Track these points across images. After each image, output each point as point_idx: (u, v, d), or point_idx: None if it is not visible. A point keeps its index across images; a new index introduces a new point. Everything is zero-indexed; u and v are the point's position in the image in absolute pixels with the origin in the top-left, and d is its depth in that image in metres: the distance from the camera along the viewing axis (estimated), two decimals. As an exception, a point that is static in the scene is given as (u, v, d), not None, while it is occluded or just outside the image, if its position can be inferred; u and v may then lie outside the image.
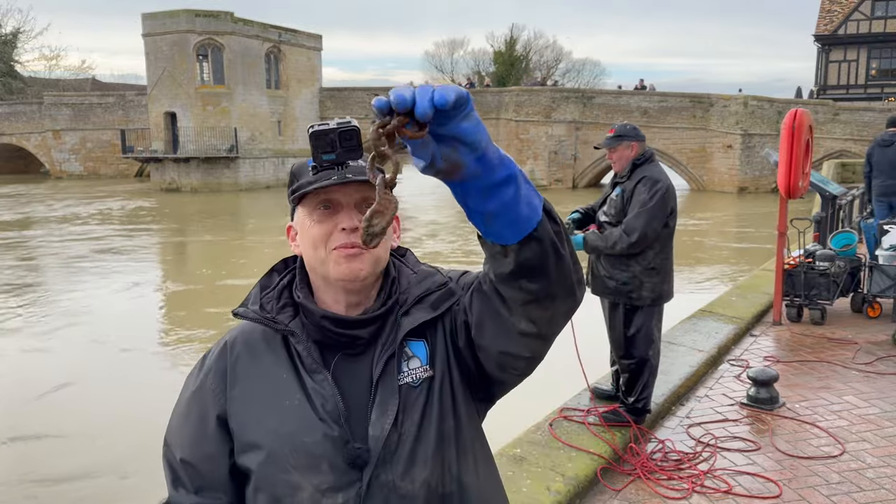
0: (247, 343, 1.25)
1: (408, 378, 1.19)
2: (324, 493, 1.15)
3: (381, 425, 1.15)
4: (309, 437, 1.16)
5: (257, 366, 1.22)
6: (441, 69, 67.06)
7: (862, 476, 3.73)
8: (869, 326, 6.60)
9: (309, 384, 1.18)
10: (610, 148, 4.14)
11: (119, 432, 6.75)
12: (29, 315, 11.56)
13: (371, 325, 1.20)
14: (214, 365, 1.26)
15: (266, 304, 1.24)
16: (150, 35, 33.68)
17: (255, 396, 1.21)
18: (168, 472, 1.26)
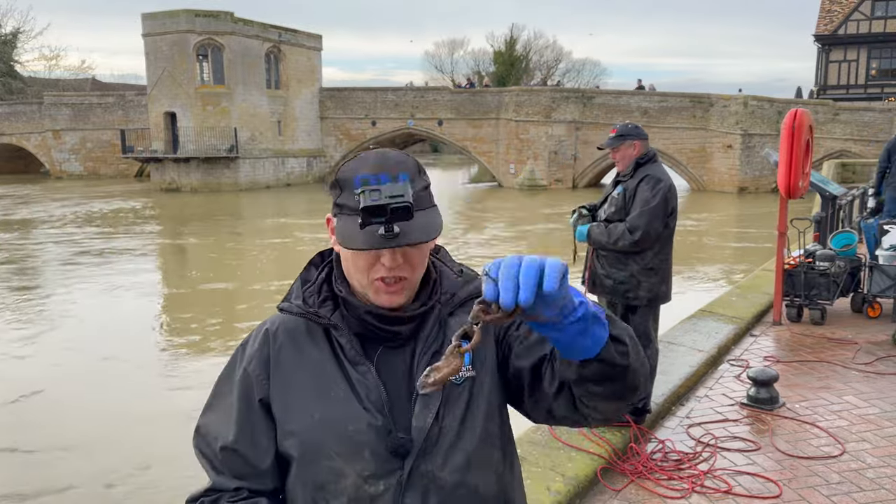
0: (289, 333, 1.27)
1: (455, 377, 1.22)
2: (366, 479, 1.19)
3: (424, 417, 1.20)
4: (353, 425, 1.19)
5: (301, 356, 1.25)
6: (441, 69, 67.10)
7: (862, 476, 3.73)
8: (869, 326, 6.59)
9: (353, 375, 1.21)
10: (612, 148, 4.14)
11: (102, 439, 6.73)
12: (13, 318, 11.51)
13: (412, 321, 1.24)
14: (258, 353, 1.28)
15: (308, 297, 1.26)
16: (150, 35, 33.67)
17: (299, 386, 1.24)
18: (207, 463, 1.28)
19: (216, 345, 9.92)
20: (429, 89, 40.57)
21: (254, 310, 11.94)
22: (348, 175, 1.17)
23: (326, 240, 1.25)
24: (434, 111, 36.92)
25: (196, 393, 8.03)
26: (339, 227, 1.16)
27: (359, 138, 38.17)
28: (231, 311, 11.93)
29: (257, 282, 14.31)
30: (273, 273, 15.52)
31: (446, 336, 1.24)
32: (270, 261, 17.12)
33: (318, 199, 30.61)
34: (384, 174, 1.12)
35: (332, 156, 38.64)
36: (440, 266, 1.32)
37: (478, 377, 1.25)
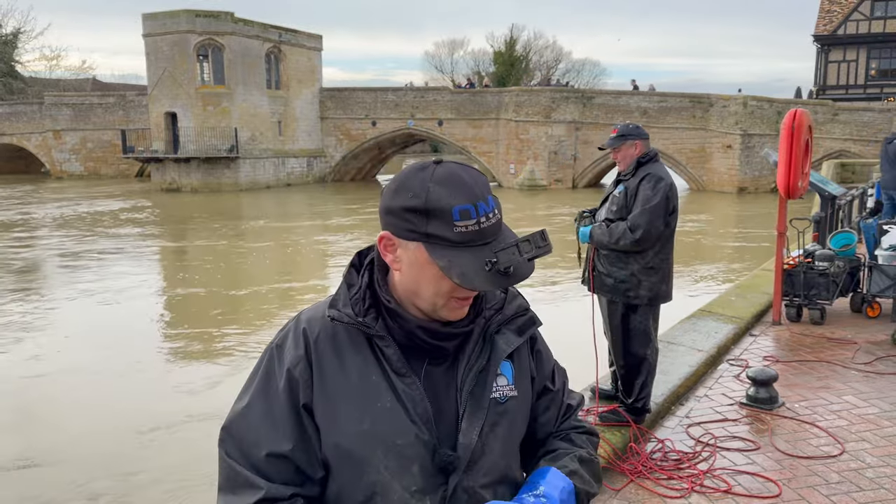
0: (331, 339, 1.23)
1: (496, 393, 1.25)
2: (412, 494, 1.19)
3: (471, 434, 1.20)
4: (402, 439, 1.18)
5: (344, 364, 1.22)
6: (441, 69, 67.08)
7: (861, 476, 3.74)
8: (868, 326, 6.60)
9: (399, 387, 1.19)
10: (614, 148, 4.15)
11: (101, 440, 6.74)
12: (13, 319, 11.51)
13: (458, 337, 1.23)
14: (300, 356, 1.22)
15: (354, 305, 1.23)
16: (151, 35, 33.67)
17: (343, 395, 1.20)
18: (249, 471, 1.20)
19: (216, 346, 9.93)
20: (429, 89, 40.56)
21: (253, 310, 11.95)
22: (442, 205, 1.11)
23: (328, 240, 1.25)
24: (434, 111, 36.92)
25: (195, 394, 8.04)
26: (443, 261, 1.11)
27: (359, 138, 38.16)
28: (231, 312, 11.93)
29: (257, 282, 14.31)
30: (273, 273, 15.53)
31: (493, 353, 1.25)
32: (270, 261, 17.12)
33: (319, 200, 30.64)
34: (480, 203, 1.12)
35: (333, 156, 38.63)
36: None
37: (519, 397, 1.28)
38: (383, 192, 1.20)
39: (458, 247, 1.11)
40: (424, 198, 1.11)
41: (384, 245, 1.19)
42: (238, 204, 29.13)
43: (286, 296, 13.19)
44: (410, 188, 1.13)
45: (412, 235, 1.14)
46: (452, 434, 1.20)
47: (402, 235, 1.15)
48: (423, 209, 1.11)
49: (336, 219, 24.49)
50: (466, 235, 1.11)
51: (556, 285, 13.39)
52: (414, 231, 1.13)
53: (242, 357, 9.27)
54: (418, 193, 1.12)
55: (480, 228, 1.11)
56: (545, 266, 15.22)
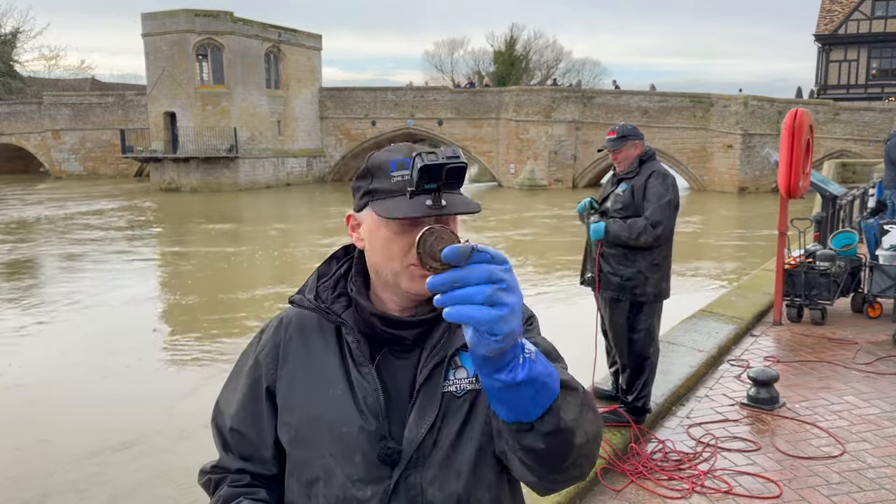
0: (301, 326, 1.28)
1: (452, 387, 1.19)
2: (354, 483, 1.19)
3: (418, 428, 1.17)
4: (347, 427, 1.18)
5: (307, 350, 1.25)
6: (441, 69, 67.10)
7: (862, 476, 3.73)
8: (869, 326, 6.59)
9: (354, 375, 1.20)
10: (615, 149, 4.13)
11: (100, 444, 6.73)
12: (11, 320, 11.50)
13: (418, 327, 1.20)
14: (270, 340, 1.29)
15: (322, 292, 1.25)
16: (150, 35, 33.66)
17: (301, 380, 1.24)
18: (218, 438, 1.32)
19: (215, 346, 9.93)
20: (429, 89, 40.55)
21: (251, 312, 11.94)
22: (380, 161, 1.17)
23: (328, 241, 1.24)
24: (434, 111, 36.92)
25: (194, 398, 8.03)
26: (380, 209, 1.14)
27: (359, 138, 38.16)
28: (231, 312, 11.92)
29: (256, 283, 14.30)
30: (274, 273, 15.52)
31: (452, 344, 1.19)
32: (269, 262, 17.11)
33: (319, 199, 30.64)
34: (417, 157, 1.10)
35: (332, 156, 38.64)
36: None
37: (481, 391, 1.18)
38: None
39: (395, 195, 1.13)
40: (368, 162, 1.20)
41: (351, 226, 1.24)
42: (238, 204, 29.13)
43: (284, 297, 13.18)
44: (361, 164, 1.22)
45: (362, 202, 1.20)
46: (402, 427, 1.18)
47: (358, 208, 1.21)
48: (366, 170, 1.19)
49: (336, 219, 24.48)
50: (401, 183, 1.12)
51: (553, 285, 13.38)
52: (362, 196, 1.19)
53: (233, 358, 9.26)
54: (364, 162, 1.21)
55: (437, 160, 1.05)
56: (546, 266, 15.20)
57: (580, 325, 5.32)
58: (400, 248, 1.14)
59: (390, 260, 1.16)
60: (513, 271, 0.90)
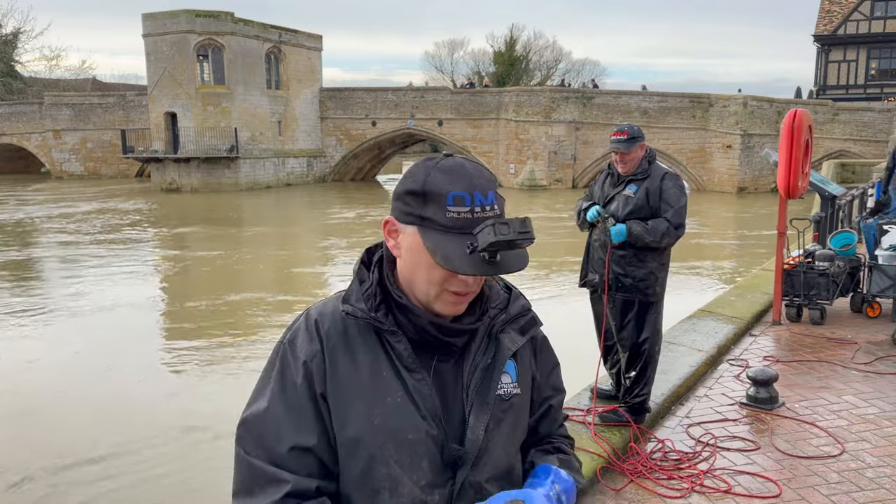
0: (342, 334, 1.24)
1: (501, 391, 1.27)
2: (422, 489, 1.21)
3: (477, 430, 1.23)
4: (413, 434, 1.20)
5: (355, 359, 1.23)
6: (441, 69, 67.09)
7: (861, 476, 3.74)
8: (868, 326, 6.60)
9: (409, 382, 1.21)
10: (627, 151, 4.08)
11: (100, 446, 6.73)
12: (11, 321, 11.50)
13: (466, 334, 1.26)
14: (312, 347, 1.23)
15: (366, 300, 1.24)
16: (151, 35, 33.65)
17: (355, 390, 1.21)
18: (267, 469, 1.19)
19: (216, 346, 9.94)
20: (429, 89, 40.56)
21: (251, 313, 11.95)
22: (439, 189, 1.14)
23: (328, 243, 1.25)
24: (434, 111, 36.92)
25: (192, 399, 8.04)
26: (431, 242, 1.14)
27: (359, 138, 38.16)
28: (232, 312, 11.93)
29: (259, 283, 14.30)
30: (275, 274, 15.52)
31: (498, 352, 1.27)
32: (272, 262, 17.12)
33: (319, 199, 30.64)
34: (477, 192, 1.14)
35: (333, 156, 38.63)
36: (489, 280, 1.33)
37: (521, 394, 1.31)
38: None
39: (449, 232, 1.13)
40: (423, 181, 1.16)
41: (388, 230, 1.23)
42: (238, 204, 29.12)
43: (285, 297, 13.19)
44: (414, 174, 1.19)
45: (409, 218, 1.18)
46: (458, 430, 1.23)
47: (402, 219, 1.19)
48: (421, 192, 1.16)
49: (335, 219, 24.48)
50: (457, 221, 1.13)
51: (552, 286, 13.38)
52: (411, 214, 1.17)
53: (236, 362, 9.28)
54: (419, 178, 1.17)
55: (473, 217, 1.12)
56: (545, 267, 15.20)
57: (580, 325, 5.33)
58: (441, 277, 1.17)
59: (429, 284, 1.19)
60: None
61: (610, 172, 4.30)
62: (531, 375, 1.36)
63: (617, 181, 4.22)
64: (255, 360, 9.00)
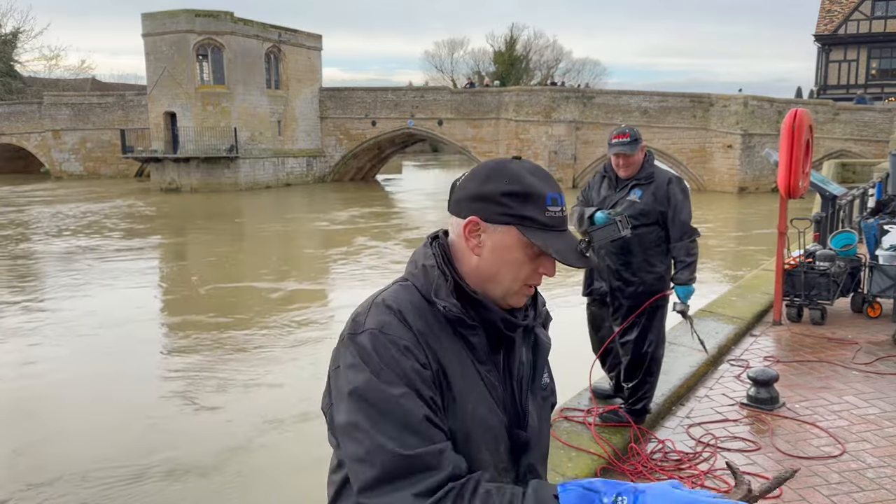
0: (427, 325, 1.24)
1: (545, 379, 1.40)
2: (500, 472, 1.29)
3: (534, 417, 1.34)
4: (493, 420, 1.28)
5: (445, 350, 1.25)
6: (441, 69, 67.10)
7: (862, 476, 3.73)
8: (869, 326, 6.59)
9: (482, 373, 1.28)
10: (630, 153, 4.00)
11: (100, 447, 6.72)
12: (10, 321, 11.48)
13: (522, 328, 1.35)
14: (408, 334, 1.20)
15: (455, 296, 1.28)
16: (150, 35, 33.65)
17: (452, 376, 1.24)
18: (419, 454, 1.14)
19: (216, 347, 9.93)
20: (429, 89, 40.55)
21: (257, 311, 11.94)
22: (537, 190, 1.25)
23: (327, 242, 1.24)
24: (434, 111, 36.91)
25: (193, 400, 8.03)
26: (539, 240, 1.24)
27: (359, 138, 38.15)
28: (232, 313, 11.92)
29: (259, 283, 14.30)
30: (276, 275, 15.52)
31: (538, 345, 1.38)
32: (272, 262, 17.11)
33: (319, 199, 30.63)
34: (560, 195, 1.28)
35: (332, 156, 38.62)
36: None
37: (551, 384, 1.43)
38: (467, 182, 1.29)
39: (548, 230, 1.25)
40: (523, 184, 1.25)
41: (469, 230, 1.27)
42: (238, 204, 29.12)
43: (285, 298, 13.18)
44: (506, 176, 1.26)
45: (505, 219, 1.25)
46: (514, 417, 1.31)
47: (493, 219, 1.26)
48: (523, 193, 1.25)
49: (335, 219, 24.47)
50: (554, 220, 1.26)
51: (552, 287, 13.38)
52: (508, 214, 1.25)
53: (239, 363, 9.27)
54: (517, 180, 1.26)
55: (563, 216, 1.28)
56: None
57: (579, 326, 5.32)
58: (529, 272, 1.28)
59: (514, 280, 1.28)
60: None
61: (606, 175, 4.20)
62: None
63: (617, 185, 4.13)
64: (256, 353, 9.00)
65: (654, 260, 4.07)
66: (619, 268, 4.10)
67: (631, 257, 4.07)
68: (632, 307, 4.13)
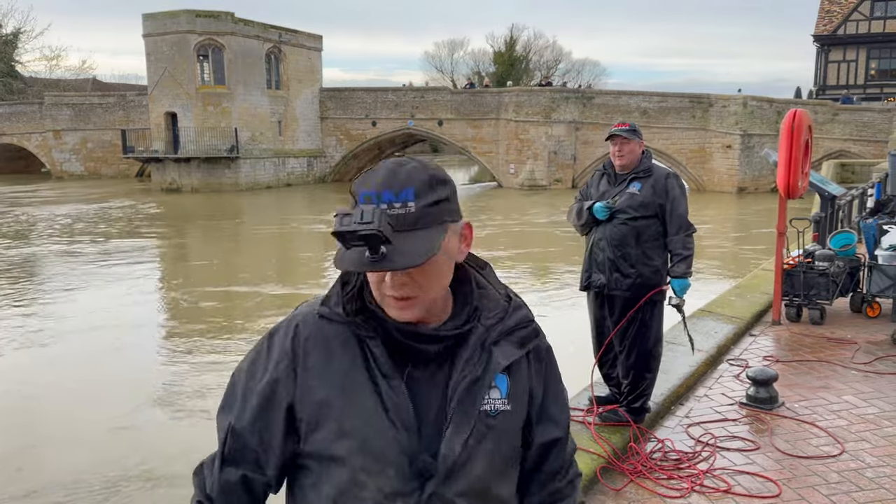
0: (322, 338, 1.22)
1: (487, 406, 1.22)
2: (386, 496, 1.18)
3: (453, 444, 1.18)
4: (380, 440, 1.17)
5: (331, 363, 1.20)
6: (441, 69, 67.11)
7: (861, 476, 3.74)
8: (868, 326, 6.60)
9: (384, 388, 1.18)
10: (626, 139, 4.10)
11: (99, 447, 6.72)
12: (10, 322, 11.47)
13: (441, 342, 1.20)
14: (286, 355, 1.22)
15: (347, 303, 1.22)
16: (151, 35, 33.67)
17: (329, 393, 1.20)
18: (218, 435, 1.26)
19: (216, 347, 9.94)
20: (429, 89, 40.57)
21: (257, 312, 11.95)
22: (356, 189, 1.13)
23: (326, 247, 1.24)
24: (434, 111, 36.92)
25: (193, 400, 8.03)
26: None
27: (359, 138, 38.16)
28: (231, 314, 11.93)
29: (260, 283, 14.30)
30: (276, 275, 15.52)
31: (489, 364, 1.21)
32: (272, 263, 17.12)
33: (319, 200, 30.63)
34: (387, 191, 1.09)
35: (333, 156, 38.63)
36: (485, 285, 1.28)
37: (512, 412, 1.25)
38: None
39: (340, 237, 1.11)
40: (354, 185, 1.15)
41: None
42: (239, 204, 29.12)
43: (286, 298, 13.19)
44: None
45: None
46: (436, 441, 1.18)
47: None
48: (350, 192, 1.15)
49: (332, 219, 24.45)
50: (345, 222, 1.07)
51: (552, 288, 13.39)
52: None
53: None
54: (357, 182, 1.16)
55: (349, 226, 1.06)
56: (544, 268, 15.22)
57: (578, 327, 5.33)
58: (376, 279, 1.15)
59: (375, 289, 1.17)
60: None
61: (605, 172, 4.29)
62: (529, 392, 1.29)
63: (616, 180, 4.21)
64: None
65: (651, 253, 4.11)
66: (616, 259, 4.14)
67: (629, 249, 4.11)
68: (629, 300, 4.15)
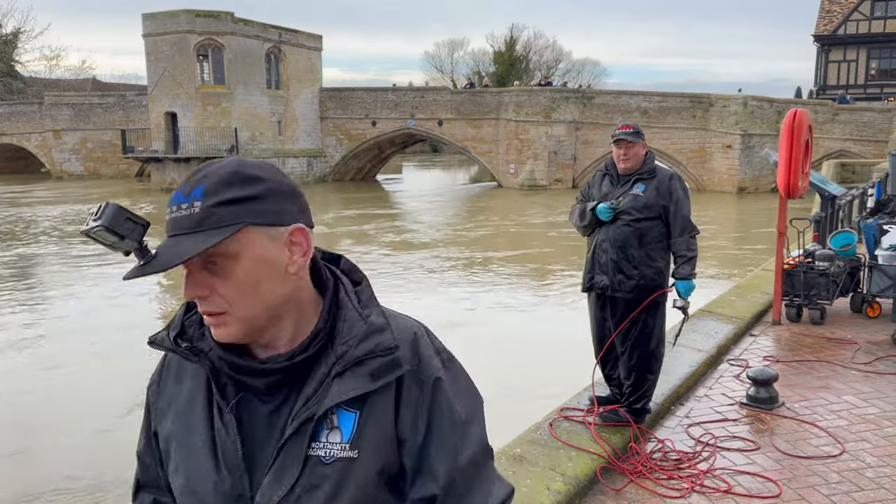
0: (179, 365, 1.13)
1: (320, 451, 1.02)
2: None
3: (272, 493, 1.02)
4: (202, 483, 1.06)
5: (180, 392, 1.12)
6: (441, 69, 67.14)
7: (861, 476, 3.74)
8: (868, 326, 6.60)
9: (217, 423, 1.06)
10: (631, 143, 4.09)
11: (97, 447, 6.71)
12: (10, 322, 11.46)
13: (267, 375, 1.04)
14: (156, 376, 1.17)
15: (189, 327, 1.10)
16: (151, 35, 33.68)
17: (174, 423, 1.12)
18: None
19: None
20: (429, 89, 40.58)
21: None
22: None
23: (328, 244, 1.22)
24: (434, 111, 36.92)
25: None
26: None
27: (359, 138, 38.16)
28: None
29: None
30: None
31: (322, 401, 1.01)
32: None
33: (319, 200, 30.62)
34: (179, 192, 1.00)
35: (333, 156, 38.64)
36: (345, 302, 1.08)
37: (358, 460, 1.02)
38: None
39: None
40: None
41: None
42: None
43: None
44: None
45: None
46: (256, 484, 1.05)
47: None
48: None
49: (335, 220, 24.48)
50: (167, 225, 1.01)
51: (551, 289, 13.38)
52: None
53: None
54: None
55: (169, 218, 1.00)
56: (544, 268, 15.22)
57: (578, 327, 5.33)
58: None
59: None
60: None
61: (607, 173, 4.28)
62: (395, 435, 1.05)
63: (619, 181, 4.20)
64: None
65: (654, 255, 4.11)
66: (619, 260, 4.13)
67: (632, 251, 4.10)
68: (631, 302, 4.14)
